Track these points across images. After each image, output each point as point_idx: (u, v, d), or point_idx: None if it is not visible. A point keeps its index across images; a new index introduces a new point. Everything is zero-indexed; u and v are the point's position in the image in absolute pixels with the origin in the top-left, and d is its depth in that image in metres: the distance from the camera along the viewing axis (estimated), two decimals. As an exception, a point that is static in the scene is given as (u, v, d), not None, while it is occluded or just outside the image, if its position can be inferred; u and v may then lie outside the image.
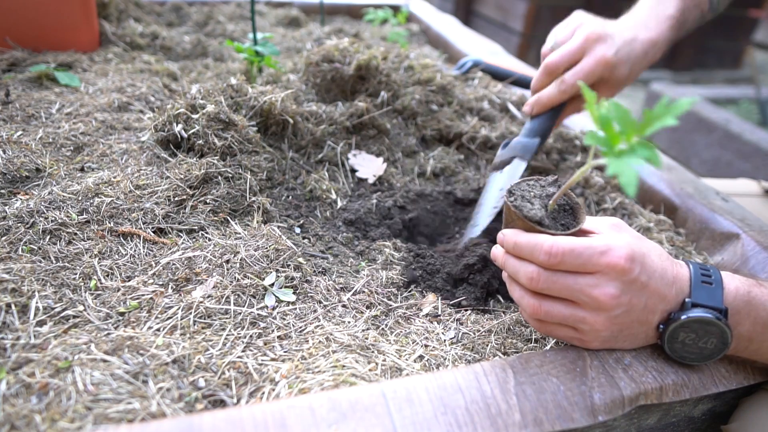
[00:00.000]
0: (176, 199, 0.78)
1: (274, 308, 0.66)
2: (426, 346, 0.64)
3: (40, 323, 0.59)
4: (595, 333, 0.57)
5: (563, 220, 0.60)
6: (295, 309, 0.67)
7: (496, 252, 0.63)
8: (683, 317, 0.56)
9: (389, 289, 0.74)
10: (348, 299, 0.70)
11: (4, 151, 0.82)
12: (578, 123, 1.25)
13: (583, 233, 0.59)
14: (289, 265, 0.72)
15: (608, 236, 0.57)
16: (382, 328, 0.67)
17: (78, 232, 0.71)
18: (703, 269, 0.59)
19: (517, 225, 0.60)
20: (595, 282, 0.54)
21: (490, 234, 0.84)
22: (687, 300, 0.57)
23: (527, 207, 0.59)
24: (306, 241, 0.81)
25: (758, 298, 0.58)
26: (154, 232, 0.74)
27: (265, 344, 0.61)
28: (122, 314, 0.62)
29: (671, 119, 0.45)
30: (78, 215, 0.73)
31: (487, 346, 0.65)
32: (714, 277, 0.58)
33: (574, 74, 0.84)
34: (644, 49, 0.87)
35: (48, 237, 0.70)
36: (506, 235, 0.60)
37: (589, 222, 0.60)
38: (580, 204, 0.61)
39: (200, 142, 0.84)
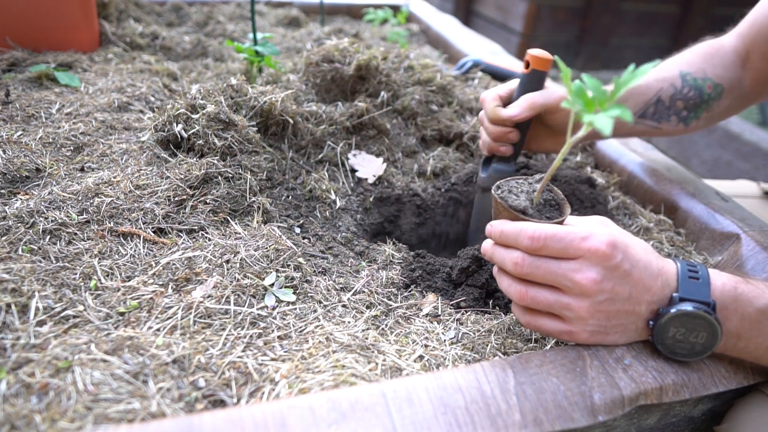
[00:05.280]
0: (176, 199, 0.78)
1: (274, 308, 0.66)
2: (426, 346, 0.64)
3: (40, 323, 0.58)
4: (581, 321, 0.58)
5: (548, 213, 0.62)
6: (295, 309, 0.67)
7: (486, 245, 0.65)
8: (672, 310, 0.57)
9: (389, 289, 0.74)
10: (348, 299, 0.70)
11: (4, 151, 0.82)
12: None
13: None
14: (289, 265, 0.72)
15: (591, 225, 0.58)
16: (382, 328, 0.67)
17: (78, 232, 0.71)
18: (690, 266, 0.60)
19: (504, 216, 0.62)
20: (577, 267, 0.56)
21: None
22: (675, 295, 0.58)
23: (512, 198, 0.62)
24: (306, 241, 0.81)
25: (745, 294, 0.59)
26: (154, 232, 0.74)
27: (265, 344, 0.61)
28: (122, 314, 0.62)
29: (637, 82, 0.51)
30: (78, 215, 0.73)
31: (487, 346, 0.65)
32: (701, 273, 0.59)
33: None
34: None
35: (48, 237, 0.70)
36: (494, 225, 0.62)
37: (576, 218, 0.62)
38: (566, 200, 0.63)
39: (200, 142, 0.84)
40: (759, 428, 0.60)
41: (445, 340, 0.66)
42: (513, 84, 0.88)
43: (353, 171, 1.00)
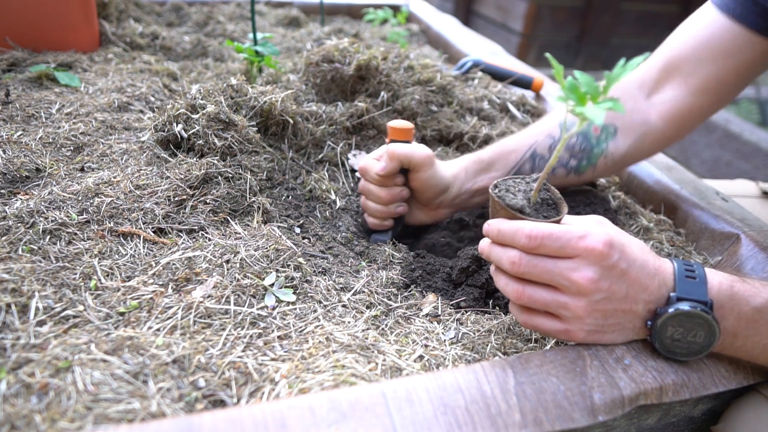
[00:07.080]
0: (176, 199, 0.78)
1: (274, 308, 0.66)
2: (426, 346, 0.64)
3: (40, 323, 0.59)
4: (578, 321, 0.58)
5: (546, 212, 0.62)
6: (295, 309, 0.67)
7: (483, 244, 0.64)
8: (670, 310, 0.57)
9: (389, 289, 0.74)
10: (348, 299, 0.70)
11: (4, 151, 0.82)
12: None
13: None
14: (289, 265, 0.72)
15: (588, 224, 0.58)
16: (382, 328, 0.67)
17: (78, 232, 0.71)
18: (687, 265, 0.60)
19: (501, 215, 0.62)
20: (574, 266, 0.56)
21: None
22: (672, 294, 0.58)
23: (509, 197, 0.62)
24: (306, 241, 0.81)
25: (741, 293, 0.59)
26: (154, 232, 0.74)
27: (265, 344, 0.61)
28: (122, 314, 0.62)
29: (626, 75, 0.52)
30: (78, 215, 0.73)
31: (487, 346, 0.65)
32: (698, 272, 0.59)
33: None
34: (445, 172, 0.87)
35: (48, 237, 0.70)
36: (491, 224, 0.62)
37: (572, 217, 0.62)
38: (563, 199, 0.63)
39: (200, 142, 0.84)
40: (755, 428, 0.60)
41: (445, 340, 0.66)
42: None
43: (353, 171, 1.00)
